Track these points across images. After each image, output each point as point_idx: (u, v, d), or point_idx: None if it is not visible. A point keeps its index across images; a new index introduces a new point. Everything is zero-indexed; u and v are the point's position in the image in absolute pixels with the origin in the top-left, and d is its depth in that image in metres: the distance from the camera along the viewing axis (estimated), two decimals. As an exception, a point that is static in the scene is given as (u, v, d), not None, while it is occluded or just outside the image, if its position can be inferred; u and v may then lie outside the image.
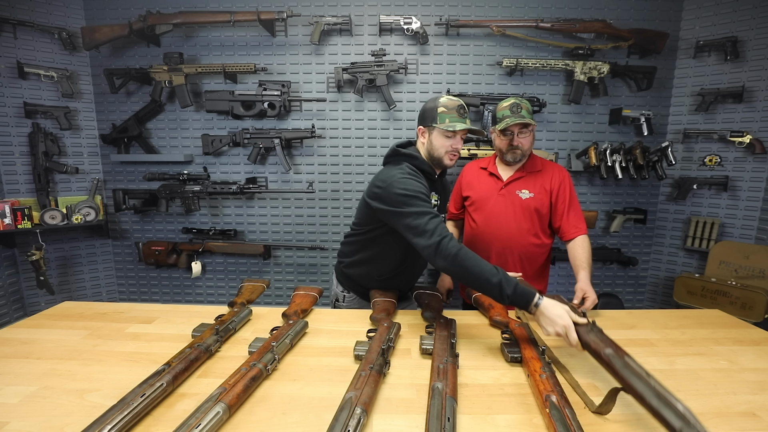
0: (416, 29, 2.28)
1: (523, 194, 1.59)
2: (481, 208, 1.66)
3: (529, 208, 1.58)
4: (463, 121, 1.30)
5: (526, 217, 1.58)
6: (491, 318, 1.20)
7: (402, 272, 1.43)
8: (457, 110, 1.31)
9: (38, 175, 2.32)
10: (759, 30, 2.19)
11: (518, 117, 1.49)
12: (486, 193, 1.65)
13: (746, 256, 2.21)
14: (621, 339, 1.08)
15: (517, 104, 1.52)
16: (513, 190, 1.60)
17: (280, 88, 2.31)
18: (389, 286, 1.42)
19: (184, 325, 1.15)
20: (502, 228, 1.60)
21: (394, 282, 1.43)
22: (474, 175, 1.72)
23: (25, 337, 1.08)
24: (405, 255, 1.38)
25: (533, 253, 1.62)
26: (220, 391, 0.74)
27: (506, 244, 1.60)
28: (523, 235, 1.59)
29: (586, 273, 1.43)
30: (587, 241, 1.54)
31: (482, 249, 1.65)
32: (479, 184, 1.69)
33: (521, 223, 1.58)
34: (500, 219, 1.60)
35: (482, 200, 1.65)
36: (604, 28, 2.27)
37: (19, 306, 2.43)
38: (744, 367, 0.97)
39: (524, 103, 1.53)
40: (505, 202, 1.60)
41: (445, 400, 0.73)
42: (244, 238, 2.59)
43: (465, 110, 1.33)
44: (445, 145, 1.32)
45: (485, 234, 1.64)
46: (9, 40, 2.25)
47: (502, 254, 1.61)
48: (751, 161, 2.28)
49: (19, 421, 0.73)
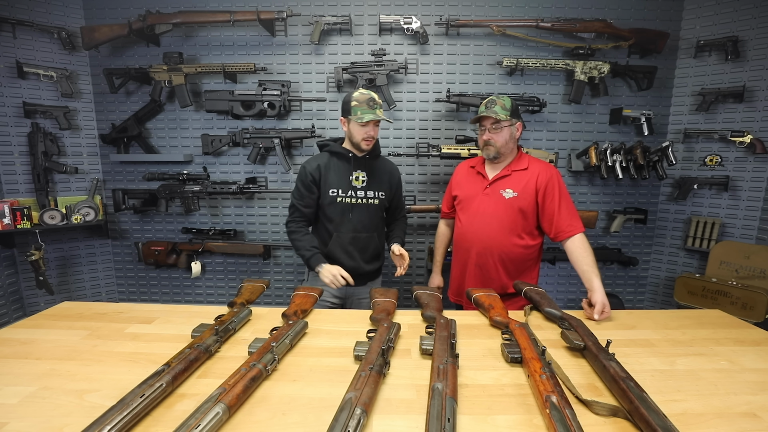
0: (416, 29, 2.28)
1: (506, 193, 1.55)
2: (467, 207, 1.64)
3: (513, 207, 1.54)
4: (372, 113, 1.52)
5: (509, 216, 1.55)
6: (491, 318, 1.19)
7: (332, 243, 1.67)
8: (367, 103, 1.53)
9: (37, 175, 2.32)
10: (760, 30, 2.19)
11: (489, 111, 1.49)
12: (471, 192, 1.64)
13: (747, 256, 2.21)
14: (621, 339, 1.09)
15: (492, 100, 1.52)
16: (497, 190, 1.57)
17: (279, 87, 2.31)
18: (329, 256, 1.67)
19: (183, 325, 1.15)
20: (484, 228, 1.58)
21: (328, 255, 1.66)
22: (463, 175, 1.71)
23: (25, 338, 1.08)
24: (325, 232, 1.69)
25: (516, 254, 1.57)
26: (219, 392, 0.73)
27: (487, 244, 1.57)
28: (506, 236, 1.55)
29: (599, 280, 1.34)
30: (586, 240, 1.47)
31: (465, 248, 1.64)
32: (467, 183, 1.68)
33: (504, 223, 1.55)
34: (483, 218, 1.58)
35: (468, 199, 1.64)
36: (605, 28, 2.27)
37: (19, 306, 2.43)
38: (745, 368, 0.96)
39: (501, 100, 1.51)
40: (489, 202, 1.58)
41: (445, 401, 0.72)
42: (244, 238, 2.58)
43: (375, 102, 1.54)
44: (360, 133, 1.57)
45: (468, 233, 1.62)
46: (8, 40, 2.25)
47: (483, 254, 1.59)
48: (751, 161, 2.28)
49: (18, 421, 0.73)
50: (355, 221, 1.66)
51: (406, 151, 2.36)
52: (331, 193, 1.64)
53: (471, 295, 1.36)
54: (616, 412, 0.75)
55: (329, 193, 1.64)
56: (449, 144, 2.38)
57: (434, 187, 2.53)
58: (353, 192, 1.65)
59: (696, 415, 0.77)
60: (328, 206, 1.66)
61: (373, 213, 1.70)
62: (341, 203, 1.64)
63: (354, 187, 1.65)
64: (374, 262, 1.75)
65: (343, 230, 1.67)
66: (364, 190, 1.66)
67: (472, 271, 1.62)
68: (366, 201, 1.67)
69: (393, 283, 2.62)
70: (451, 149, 2.28)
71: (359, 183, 1.66)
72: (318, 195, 1.67)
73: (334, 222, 1.66)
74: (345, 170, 1.65)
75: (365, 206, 1.67)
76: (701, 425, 0.74)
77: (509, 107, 1.52)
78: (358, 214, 1.66)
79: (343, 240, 1.67)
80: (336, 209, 1.65)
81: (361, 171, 1.66)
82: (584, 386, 0.86)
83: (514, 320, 1.13)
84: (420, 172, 2.52)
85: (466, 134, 2.36)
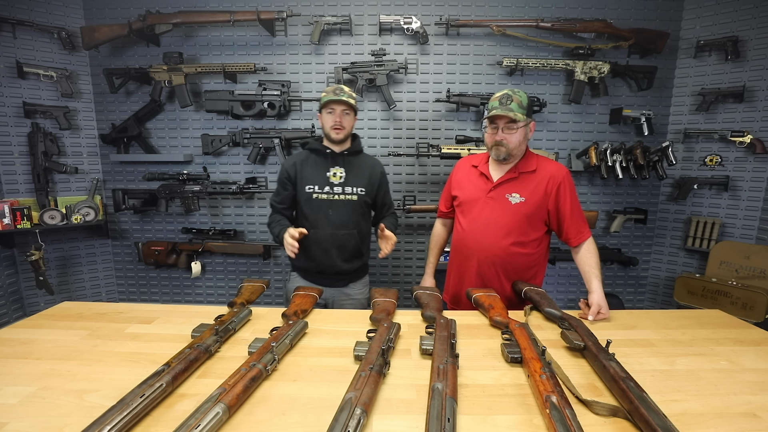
0: (416, 29, 2.28)
1: (513, 198, 1.42)
2: (468, 210, 1.51)
3: (519, 214, 1.41)
4: (337, 97, 1.53)
5: (514, 224, 1.42)
6: (491, 318, 1.19)
7: (310, 240, 1.63)
8: (334, 91, 1.55)
9: (37, 175, 2.32)
10: (760, 30, 2.19)
11: (505, 109, 1.32)
12: (474, 195, 1.49)
13: (747, 256, 2.20)
14: (621, 339, 1.09)
15: (508, 95, 1.34)
16: (503, 194, 1.43)
17: (279, 87, 2.31)
18: (306, 254, 1.65)
19: (183, 325, 1.15)
20: (487, 235, 1.45)
21: (305, 252, 1.63)
22: (464, 174, 1.57)
23: (25, 338, 1.08)
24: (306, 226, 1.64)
25: (520, 263, 1.46)
26: (219, 392, 0.73)
27: (490, 253, 1.45)
28: (511, 245, 1.43)
29: (600, 282, 1.33)
30: (594, 244, 1.43)
31: (465, 255, 1.51)
32: (468, 184, 1.53)
33: (509, 231, 1.42)
34: (486, 225, 1.45)
35: (469, 202, 1.51)
36: (605, 28, 2.27)
37: (19, 306, 2.43)
38: (745, 368, 0.96)
39: (518, 96, 1.34)
40: (493, 207, 1.44)
41: (445, 401, 0.72)
42: (243, 238, 2.58)
43: (342, 90, 1.55)
44: (328, 121, 1.58)
45: (469, 240, 1.49)
46: (8, 40, 2.25)
47: (485, 263, 1.46)
48: (751, 161, 2.28)
49: (18, 421, 0.73)
50: (334, 218, 1.64)
51: (406, 151, 2.36)
52: (308, 189, 1.62)
53: (471, 295, 1.36)
54: (616, 412, 0.75)
55: (305, 189, 1.63)
56: (449, 144, 2.38)
57: (434, 187, 2.53)
58: (330, 188, 1.63)
59: (696, 415, 0.77)
60: (304, 203, 1.65)
61: (352, 210, 1.66)
62: (317, 200, 1.63)
63: (331, 183, 1.63)
64: (354, 261, 1.69)
65: (320, 227, 1.64)
66: (341, 186, 1.64)
67: (472, 279, 1.51)
68: (344, 197, 1.64)
69: (393, 283, 2.62)
70: (451, 149, 2.28)
71: (337, 179, 1.63)
72: (294, 192, 1.66)
73: (311, 219, 1.64)
74: (322, 166, 1.64)
75: (343, 203, 1.64)
76: (701, 425, 0.74)
77: (526, 105, 1.35)
78: (336, 211, 1.64)
79: (320, 237, 1.64)
80: (312, 206, 1.63)
81: (339, 167, 1.64)
82: (584, 386, 0.86)
83: (514, 320, 1.13)
84: (420, 172, 2.52)
85: (466, 134, 2.36)
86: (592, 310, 1.26)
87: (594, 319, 1.25)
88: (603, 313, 1.26)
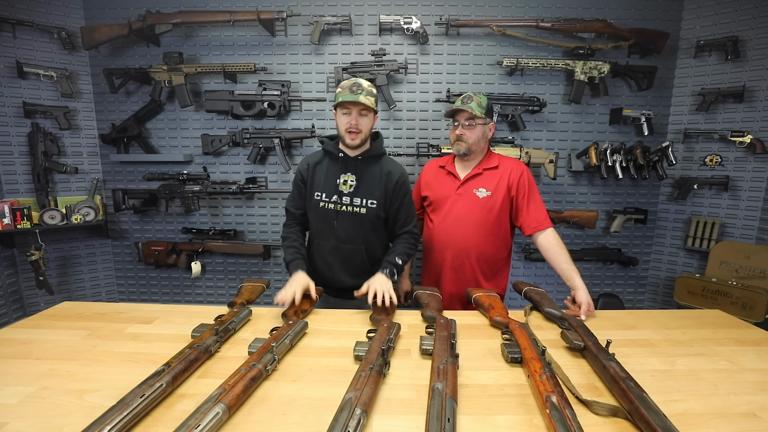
0: (416, 29, 2.27)
1: (480, 193, 1.55)
2: (439, 208, 1.61)
3: (487, 207, 1.54)
4: (354, 97, 1.33)
5: (484, 217, 1.54)
6: (491, 318, 1.20)
7: (313, 249, 1.57)
8: (350, 88, 1.36)
9: (37, 175, 2.32)
10: (760, 30, 2.19)
11: (465, 106, 1.49)
12: (443, 193, 1.60)
13: (747, 256, 2.20)
14: (621, 339, 1.09)
15: (469, 96, 1.52)
16: (470, 189, 1.56)
17: (279, 87, 2.31)
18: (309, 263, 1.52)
19: (183, 325, 1.15)
20: (460, 229, 1.55)
21: (308, 262, 1.51)
22: (432, 175, 1.68)
23: (25, 338, 1.08)
24: (311, 234, 1.58)
25: (491, 254, 1.58)
26: (219, 392, 0.74)
27: (463, 246, 1.55)
28: (482, 236, 1.55)
29: (580, 278, 1.35)
30: (558, 236, 1.48)
31: (438, 251, 1.60)
32: (437, 184, 1.64)
33: (480, 223, 1.54)
34: (458, 220, 1.56)
35: (440, 200, 1.61)
36: (605, 28, 2.27)
37: (19, 306, 2.43)
38: (745, 368, 0.96)
39: (478, 97, 1.52)
40: (462, 203, 1.56)
41: (445, 401, 0.72)
42: (243, 238, 2.58)
43: (359, 87, 1.35)
44: (343, 123, 1.40)
45: (441, 235, 1.59)
46: (8, 40, 2.24)
47: (459, 256, 1.57)
48: (751, 161, 2.27)
49: (18, 421, 0.73)
50: (340, 230, 1.49)
51: (406, 151, 2.36)
52: (316, 196, 1.49)
53: (471, 295, 1.36)
54: (616, 412, 0.75)
55: (314, 196, 1.49)
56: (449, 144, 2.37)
57: (434, 187, 2.53)
58: (338, 198, 1.47)
59: (696, 415, 0.77)
60: (312, 210, 1.52)
61: (361, 224, 1.49)
62: (324, 209, 1.48)
63: (341, 192, 1.47)
64: (362, 277, 1.37)
65: (324, 238, 1.52)
66: (350, 196, 1.47)
67: (447, 273, 1.60)
68: (352, 209, 1.47)
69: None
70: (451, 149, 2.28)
71: (347, 188, 1.47)
72: (305, 195, 1.53)
73: (315, 228, 1.54)
74: (333, 172, 1.48)
75: (350, 215, 1.48)
76: (701, 425, 0.74)
77: (485, 105, 1.52)
78: (343, 223, 1.48)
79: (324, 249, 1.52)
80: (318, 214, 1.50)
81: (351, 174, 1.47)
82: (584, 386, 0.86)
83: (514, 320, 1.13)
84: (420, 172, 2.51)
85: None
86: (582, 308, 1.28)
87: (586, 316, 1.27)
88: (591, 310, 1.29)
